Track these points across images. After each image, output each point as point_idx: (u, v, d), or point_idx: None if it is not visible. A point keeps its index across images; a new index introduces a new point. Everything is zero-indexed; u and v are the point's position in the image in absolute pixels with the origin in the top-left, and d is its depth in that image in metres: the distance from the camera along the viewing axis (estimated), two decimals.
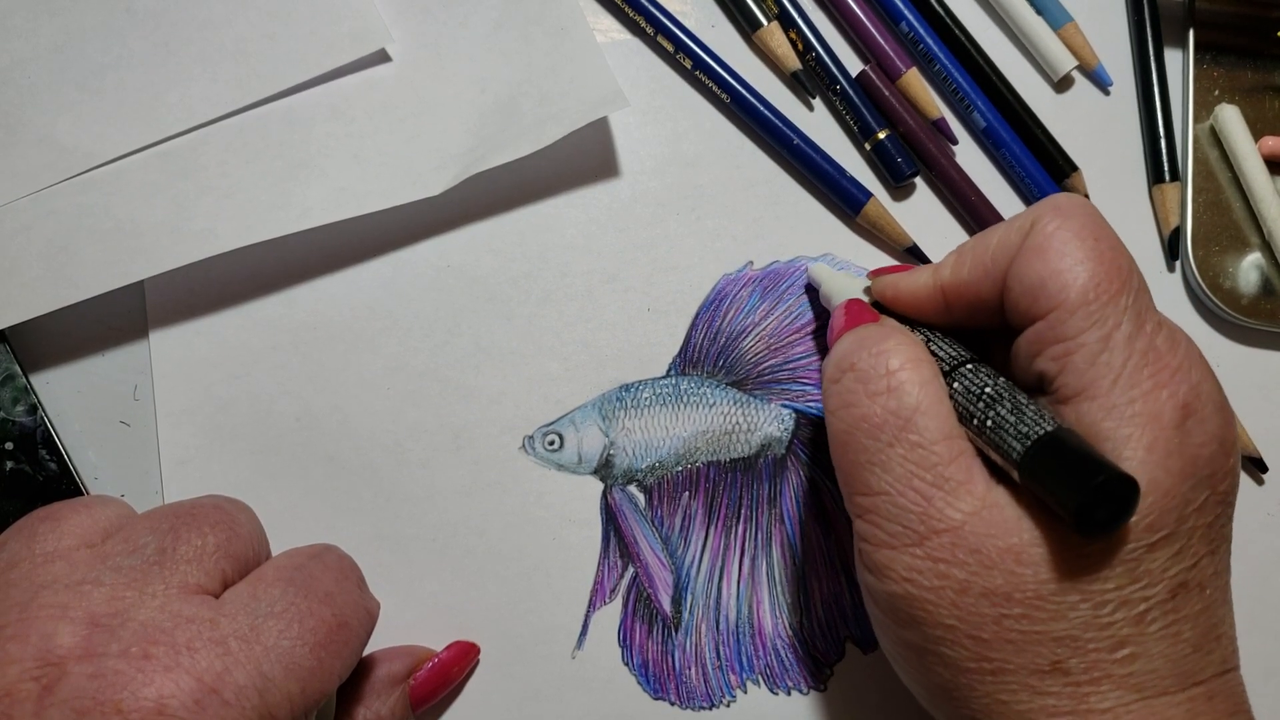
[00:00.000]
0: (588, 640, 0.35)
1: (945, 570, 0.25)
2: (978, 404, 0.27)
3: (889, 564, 0.26)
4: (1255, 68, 0.42)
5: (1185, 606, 0.25)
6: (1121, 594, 0.24)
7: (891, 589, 0.26)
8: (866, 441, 0.27)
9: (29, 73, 0.35)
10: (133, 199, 0.35)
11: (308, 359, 0.36)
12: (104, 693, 0.23)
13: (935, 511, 0.26)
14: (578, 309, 0.38)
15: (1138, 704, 0.24)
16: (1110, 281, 0.26)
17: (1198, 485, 0.25)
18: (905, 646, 0.27)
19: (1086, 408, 0.26)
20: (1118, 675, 0.24)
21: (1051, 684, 0.25)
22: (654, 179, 0.39)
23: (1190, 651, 0.25)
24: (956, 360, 0.29)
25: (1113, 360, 0.26)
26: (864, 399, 0.27)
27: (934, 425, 0.26)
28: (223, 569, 0.27)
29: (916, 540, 0.26)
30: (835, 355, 0.29)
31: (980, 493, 0.26)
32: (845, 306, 0.32)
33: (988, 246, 0.29)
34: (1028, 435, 0.25)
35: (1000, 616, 0.25)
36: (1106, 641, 0.24)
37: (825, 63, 0.39)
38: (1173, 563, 0.25)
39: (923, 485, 0.26)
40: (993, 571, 0.25)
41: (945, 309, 0.30)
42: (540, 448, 0.36)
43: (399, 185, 0.36)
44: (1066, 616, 0.24)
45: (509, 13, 0.38)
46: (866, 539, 0.27)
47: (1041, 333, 0.27)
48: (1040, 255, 0.27)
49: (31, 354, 0.36)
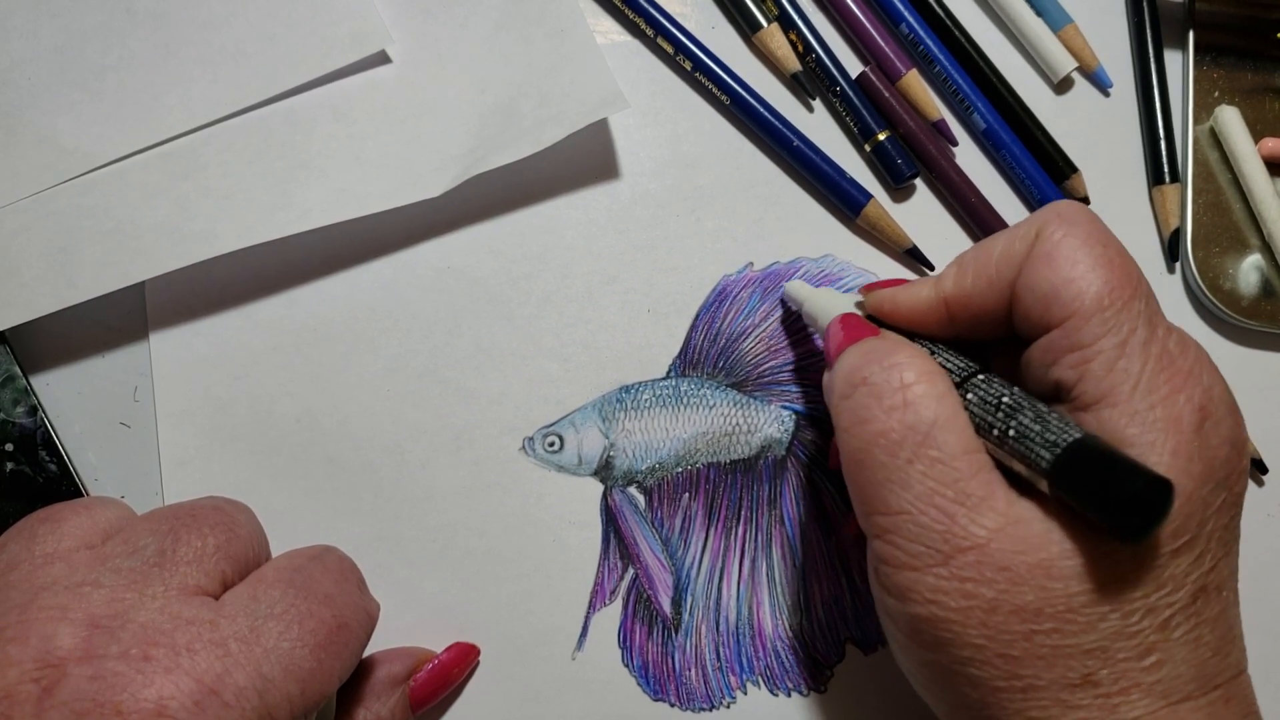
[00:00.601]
0: (588, 641, 0.35)
1: (973, 590, 0.25)
2: (996, 414, 0.26)
3: (912, 586, 0.26)
4: (1255, 69, 0.42)
5: (1206, 610, 0.25)
6: (1148, 601, 0.24)
7: (916, 611, 0.26)
8: (884, 459, 0.26)
9: (29, 73, 0.35)
10: (133, 200, 0.35)
11: (308, 360, 0.36)
12: (104, 694, 0.23)
13: (959, 529, 0.25)
14: (578, 310, 0.37)
15: (1164, 710, 0.24)
16: (1123, 288, 0.26)
17: (1216, 488, 0.25)
18: (930, 668, 0.27)
19: (1108, 414, 0.25)
20: (1146, 683, 0.24)
21: (1082, 697, 0.24)
22: (654, 180, 0.39)
23: (1210, 655, 0.25)
24: (967, 371, 0.28)
25: (1130, 366, 0.25)
26: (879, 414, 0.26)
27: (953, 440, 0.26)
28: (222, 570, 0.27)
29: (941, 560, 0.25)
30: (843, 370, 0.28)
31: (1003, 508, 0.25)
32: (842, 321, 0.31)
33: (990, 256, 0.28)
34: (1056, 443, 0.24)
35: (1031, 632, 0.24)
36: (1135, 650, 0.24)
37: (825, 64, 0.39)
38: (1194, 567, 0.25)
39: (945, 502, 0.25)
40: (1023, 588, 0.24)
41: (949, 321, 0.30)
42: (540, 449, 0.36)
43: (399, 186, 0.36)
44: (1097, 628, 0.24)
45: (509, 14, 0.38)
46: (886, 560, 0.26)
47: (1056, 341, 0.26)
48: (1050, 263, 0.27)
49: (32, 355, 0.36)
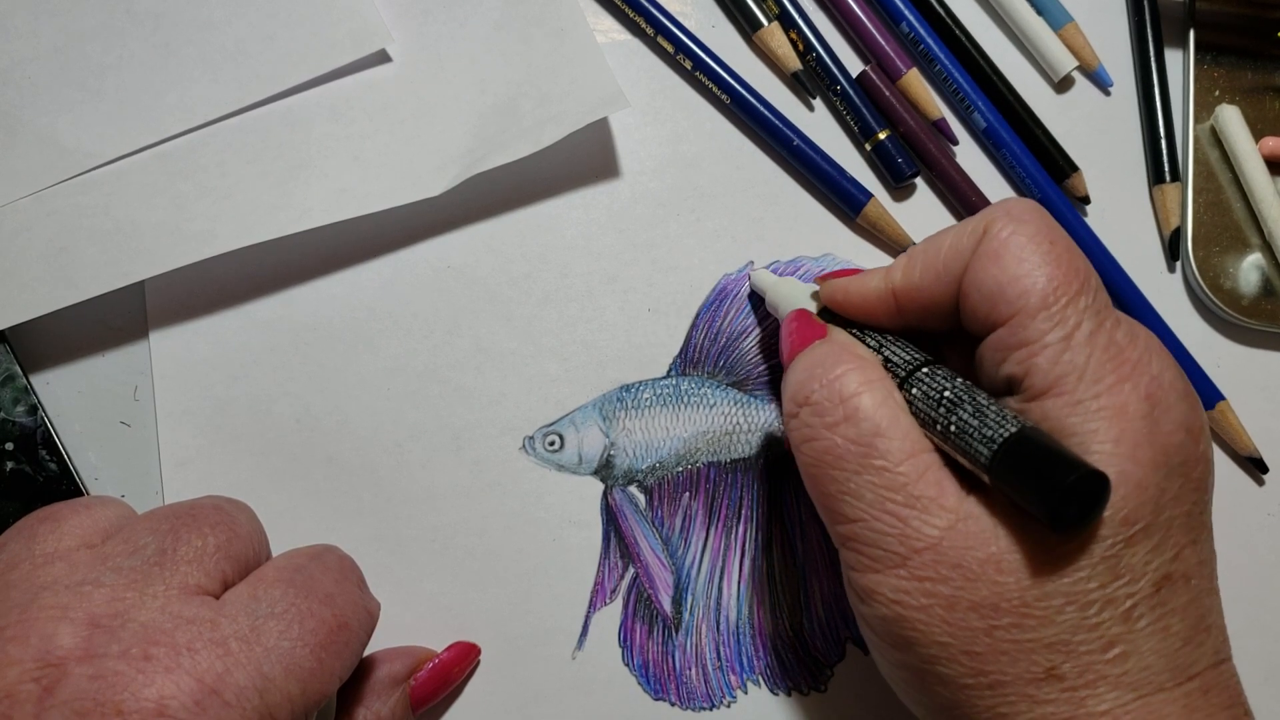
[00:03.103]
0: (588, 641, 0.35)
1: (931, 588, 0.25)
2: (938, 409, 0.27)
3: (876, 587, 0.27)
4: (1256, 68, 0.42)
5: (1171, 600, 0.25)
6: (1105, 592, 0.24)
7: (882, 612, 0.26)
8: (834, 473, 0.27)
9: (29, 73, 0.35)
10: (133, 200, 0.35)
11: (308, 360, 0.36)
12: (104, 694, 0.23)
13: (912, 531, 0.26)
14: (578, 309, 0.37)
15: (1135, 703, 0.24)
16: (1069, 283, 0.26)
17: (1170, 474, 0.25)
18: (903, 669, 0.27)
19: (1052, 404, 0.26)
20: (1112, 676, 0.24)
21: (1049, 691, 0.25)
22: (654, 179, 0.39)
23: (1181, 645, 0.25)
24: (913, 364, 0.28)
25: (1075, 358, 0.26)
26: (823, 431, 0.27)
27: (896, 446, 0.26)
28: (223, 570, 0.27)
29: (899, 562, 0.26)
30: (790, 387, 0.29)
31: (953, 505, 0.26)
32: (793, 320, 0.31)
33: (939, 250, 0.29)
34: (993, 439, 0.25)
35: (990, 628, 0.25)
36: (1097, 643, 0.24)
37: (826, 63, 0.39)
38: (1153, 555, 0.25)
39: (895, 507, 0.26)
40: (976, 584, 0.25)
41: (897, 312, 0.30)
42: (540, 448, 0.36)
43: (399, 186, 0.36)
44: (1055, 621, 0.24)
45: (509, 13, 0.38)
46: (852, 566, 0.27)
47: (1004, 339, 0.27)
48: (997, 261, 0.27)
49: (32, 354, 0.36)
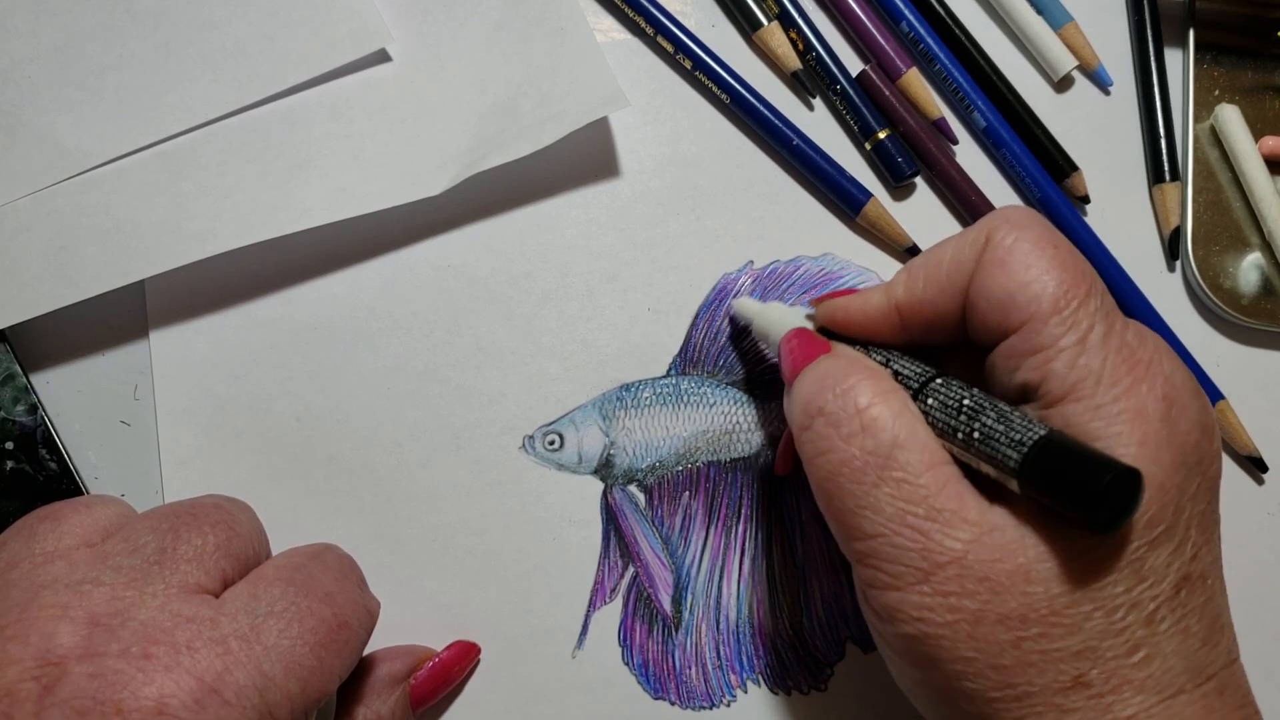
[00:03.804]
0: (588, 640, 0.35)
1: (956, 603, 0.25)
2: (958, 417, 0.26)
3: (897, 606, 0.26)
4: (1255, 68, 0.42)
5: (1190, 600, 0.25)
6: (1130, 596, 0.24)
7: (904, 630, 0.26)
8: (851, 486, 0.26)
9: (29, 73, 0.35)
10: (133, 199, 0.35)
11: (308, 359, 0.36)
12: (104, 692, 0.23)
13: (935, 545, 0.25)
14: (578, 309, 0.38)
15: (1158, 706, 0.24)
16: (1078, 286, 0.26)
17: (1189, 474, 0.25)
18: (926, 687, 0.27)
19: (1073, 409, 0.25)
20: (1137, 679, 0.24)
21: (1076, 699, 0.24)
22: (654, 179, 0.39)
23: (1199, 645, 0.25)
24: (924, 377, 0.28)
25: (1091, 362, 0.25)
26: (839, 443, 0.27)
27: (916, 457, 0.26)
28: (223, 568, 0.27)
29: (922, 578, 0.25)
30: (799, 399, 0.28)
31: (976, 518, 0.25)
32: (793, 338, 0.31)
33: (941, 262, 0.28)
34: (1022, 442, 0.24)
35: (1018, 640, 0.24)
36: (1123, 647, 0.24)
37: (825, 62, 0.39)
38: (1174, 556, 0.25)
39: (917, 521, 0.25)
40: (1005, 596, 0.24)
41: (901, 327, 0.30)
42: (540, 447, 0.36)
43: (399, 185, 0.36)
44: (1082, 628, 0.24)
45: (509, 13, 0.38)
46: (870, 584, 0.26)
47: (1017, 345, 0.27)
48: (1003, 268, 0.27)
49: (32, 354, 0.36)
